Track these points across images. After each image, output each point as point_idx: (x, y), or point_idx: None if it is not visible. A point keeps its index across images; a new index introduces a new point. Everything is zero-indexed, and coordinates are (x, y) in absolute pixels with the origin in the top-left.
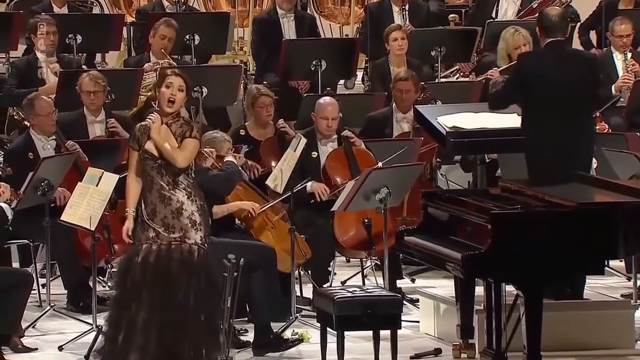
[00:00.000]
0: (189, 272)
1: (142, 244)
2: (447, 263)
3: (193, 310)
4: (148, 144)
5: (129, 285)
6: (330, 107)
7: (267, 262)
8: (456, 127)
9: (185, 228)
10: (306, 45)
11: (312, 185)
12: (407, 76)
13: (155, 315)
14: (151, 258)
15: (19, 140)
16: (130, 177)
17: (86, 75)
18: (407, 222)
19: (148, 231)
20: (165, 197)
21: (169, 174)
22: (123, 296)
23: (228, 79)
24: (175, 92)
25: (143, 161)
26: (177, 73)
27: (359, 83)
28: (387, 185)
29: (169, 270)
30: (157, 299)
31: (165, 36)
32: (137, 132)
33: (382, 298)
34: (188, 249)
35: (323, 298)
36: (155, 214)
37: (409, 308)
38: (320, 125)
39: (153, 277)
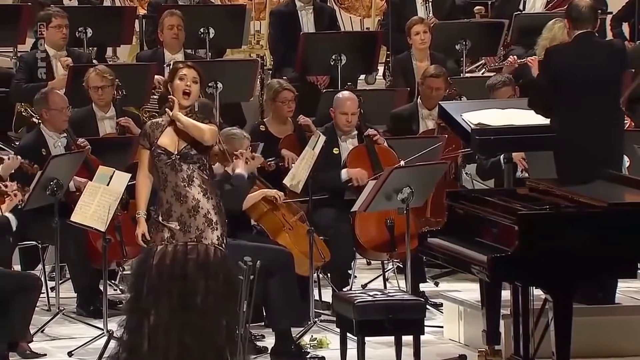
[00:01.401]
0: (207, 275)
1: (157, 245)
2: (472, 266)
3: (213, 314)
4: (162, 139)
5: (146, 289)
6: (349, 102)
7: (285, 265)
8: (482, 124)
9: (202, 227)
10: (325, 38)
11: (348, 171)
12: (438, 73)
13: (175, 320)
14: (167, 260)
15: (29, 136)
16: (140, 177)
17: (92, 70)
18: (431, 223)
19: (162, 232)
20: (180, 195)
21: (184, 170)
22: (140, 301)
23: (244, 74)
24: (189, 83)
25: (156, 158)
26: (190, 65)
27: (380, 78)
28: (410, 184)
29: (185, 273)
30: (176, 302)
31: (173, 25)
32: (148, 128)
33: (405, 302)
34: (205, 250)
35: (343, 302)
36: (170, 214)
37: (433, 313)
38: (339, 121)
39: (170, 280)
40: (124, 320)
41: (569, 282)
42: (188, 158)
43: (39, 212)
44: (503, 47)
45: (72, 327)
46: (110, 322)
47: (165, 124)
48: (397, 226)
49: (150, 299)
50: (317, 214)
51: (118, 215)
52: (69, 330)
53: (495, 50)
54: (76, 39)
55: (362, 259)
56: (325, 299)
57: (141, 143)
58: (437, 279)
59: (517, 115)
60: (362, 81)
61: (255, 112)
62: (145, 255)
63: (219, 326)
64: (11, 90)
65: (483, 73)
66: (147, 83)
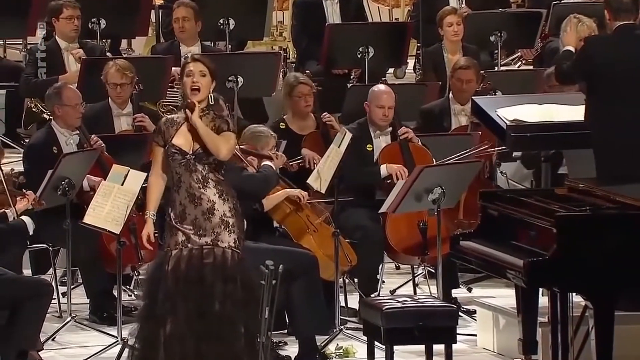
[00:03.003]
0: (224, 279)
1: (172, 250)
2: (508, 270)
3: (231, 321)
4: (177, 138)
5: (161, 296)
6: (386, 95)
7: (309, 270)
8: (518, 120)
9: (218, 230)
10: (352, 30)
11: (387, 166)
12: (468, 64)
13: (192, 328)
14: (182, 265)
15: (40, 134)
16: (153, 176)
17: (112, 65)
18: (464, 225)
19: (177, 235)
20: (195, 197)
21: (199, 170)
22: (155, 309)
23: (266, 68)
24: (197, 78)
25: (170, 157)
26: (195, 58)
27: (410, 72)
28: (441, 184)
29: (202, 278)
30: (193, 309)
31: (179, 18)
32: (163, 125)
33: (436, 309)
34: (222, 254)
35: (370, 309)
36: (185, 216)
37: (466, 320)
38: (375, 115)
39: (186, 286)
40: (137, 328)
41: (610, 287)
42: (203, 159)
43: (50, 213)
44: (540, 39)
45: (84, 334)
46: (125, 329)
47: (180, 121)
48: (430, 229)
49: (166, 306)
50: (344, 215)
51: (133, 217)
52: (81, 338)
53: (532, 42)
54: (89, 31)
55: (391, 263)
56: (351, 305)
57: (155, 140)
58: (470, 285)
59: (555, 110)
60: (390, 75)
61: (277, 108)
62: (160, 261)
63: (237, 333)
64: (20, 84)
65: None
66: (164, 77)
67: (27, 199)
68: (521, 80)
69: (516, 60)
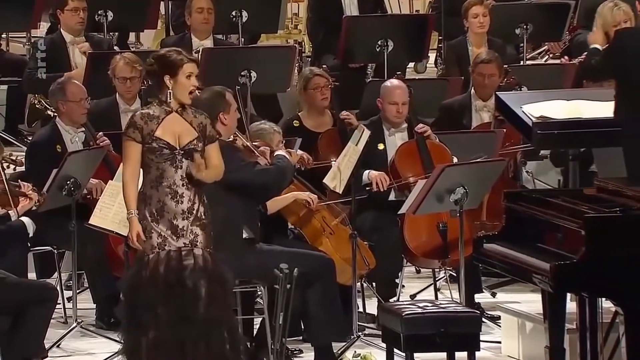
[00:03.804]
0: (207, 281)
1: (148, 255)
2: (534, 275)
3: (217, 324)
4: (161, 133)
5: (142, 303)
6: (398, 91)
7: (325, 274)
8: (544, 117)
9: (196, 231)
10: (370, 22)
11: (370, 173)
12: (489, 58)
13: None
14: (161, 268)
15: (44, 131)
16: (128, 173)
17: (120, 58)
18: (487, 227)
19: (152, 238)
20: (177, 194)
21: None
22: (136, 319)
23: (280, 62)
24: (195, 81)
25: (157, 152)
26: (193, 59)
27: (432, 66)
28: (464, 184)
29: (182, 280)
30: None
31: (203, 8)
32: (140, 120)
33: (458, 315)
34: (201, 254)
35: (389, 314)
36: (162, 214)
37: (489, 326)
38: (388, 112)
39: (166, 290)
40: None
41: None
42: (192, 154)
43: (55, 214)
44: (569, 32)
45: (90, 341)
46: None
47: (161, 115)
48: (450, 230)
49: (147, 314)
50: (361, 216)
51: None
52: (87, 345)
53: (560, 34)
54: (95, 24)
55: (411, 267)
56: (369, 310)
57: (130, 136)
58: (495, 289)
59: (584, 106)
60: (411, 69)
61: (292, 104)
62: (137, 267)
63: (222, 336)
64: (24, 79)
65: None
66: None
67: (30, 199)
68: (548, 75)
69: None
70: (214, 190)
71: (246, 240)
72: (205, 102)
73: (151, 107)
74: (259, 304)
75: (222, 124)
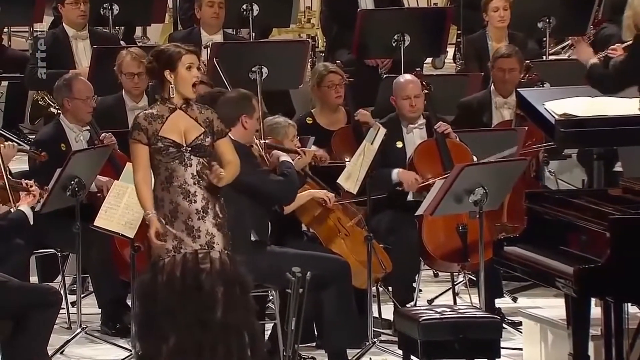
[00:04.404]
0: (224, 285)
1: (163, 259)
2: (557, 279)
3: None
4: (166, 131)
5: (159, 310)
6: (411, 84)
7: (340, 277)
8: (567, 114)
9: (212, 232)
10: (386, 16)
11: (399, 173)
12: (509, 52)
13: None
14: (177, 272)
15: (48, 129)
16: (140, 175)
17: (127, 53)
18: (508, 229)
19: (166, 241)
20: (189, 193)
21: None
22: (154, 325)
23: (293, 58)
24: (197, 72)
25: (163, 152)
26: (191, 50)
27: (450, 62)
28: (484, 184)
29: (200, 284)
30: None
31: (213, 2)
32: (143, 121)
33: (478, 320)
34: (218, 257)
35: (406, 320)
36: (176, 215)
37: (510, 332)
38: (403, 108)
39: (184, 295)
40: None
41: None
42: (200, 150)
43: (58, 215)
44: (593, 25)
45: (95, 347)
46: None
47: (164, 114)
48: (470, 233)
49: (165, 320)
50: (377, 217)
51: None
52: (91, 352)
53: (584, 28)
54: (100, 17)
55: (428, 270)
56: (385, 316)
57: (136, 138)
58: (516, 294)
59: (609, 104)
60: (428, 65)
61: (305, 101)
62: (152, 273)
63: (244, 342)
64: (26, 75)
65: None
66: None
67: (32, 194)
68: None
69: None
70: (224, 190)
71: (255, 242)
72: (230, 101)
73: (154, 107)
74: (271, 308)
75: (242, 127)
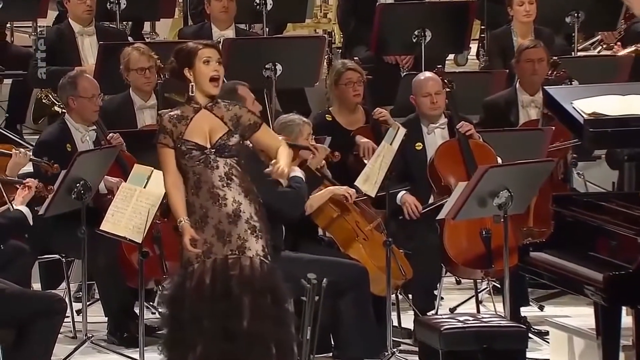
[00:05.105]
0: (252, 293)
1: (193, 264)
2: (585, 286)
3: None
4: (190, 134)
5: (187, 318)
6: (431, 81)
7: (358, 284)
8: (597, 113)
9: (244, 236)
10: (406, 10)
11: (403, 197)
12: (534, 43)
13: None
14: (206, 279)
15: (52, 129)
16: (170, 180)
17: (133, 49)
18: (534, 234)
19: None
20: (218, 197)
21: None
22: (182, 334)
23: (308, 54)
24: (217, 66)
25: (186, 155)
26: (209, 44)
27: (473, 58)
28: (508, 187)
29: (229, 292)
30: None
31: None
32: (168, 123)
33: (502, 330)
34: (249, 264)
35: (427, 329)
36: (206, 221)
37: (537, 343)
38: (423, 106)
39: (213, 302)
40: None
41: None
42: (225, 151)
43: (63, 219)
44: (624, 20)
45: (101, 358)
46: (148, 351)
47: (189, 115)
48: (494, 238)
49: (193, 328)
50: (397, 221)
51: (157, 224)
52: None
53: (614, 24)
54: (107, 12)
55: (450, 277)
56: (405, 325)
57: (162, 142)
58: (542, 302)
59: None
60: (451, 62)
61: (321, 99)
62: (180, 280)
63: (269, 353)
64: (29, 73)
65: (599, 52)
66: None
67: (28, 187)
68: (601, 68)
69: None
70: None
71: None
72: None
73: (179, 107)
74: None
75: None
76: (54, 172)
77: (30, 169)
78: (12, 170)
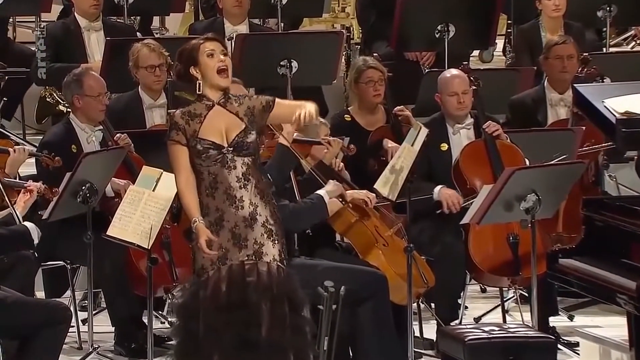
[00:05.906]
0: (270, 300)
1: (207, 271)
2: (617, 294)
3: (280, 348)
4: (205, 132)
5: (203, 328)
6: (457, 80)
7: (377, 292)
8: (630, 112)
9: (260, 241)
10: (429, 4)
11: (441, 191)
12: (564, 39)
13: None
14: (222, 286)
15: (57, 129)
16: (182, 181)
17: (142, 46)
18: (563, 239)
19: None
20: (235, 199)
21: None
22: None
23: (325, 50)
24: (223, 57)
25: (203, 155)
26: (210, 37)
27: (499, 54)
28: (536, 190)
29: (246, 299)
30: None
31: None
32: (181, 120)
33: (530, 340)
34: (266, 270)
35: (450, 340)
36: (222, 224)
37: (566, 354)
38: (449, 105)
39: (229, 310)
40: None
41: None
42: (243, 149)
43: (68, 224)
44: None
45: None
46: None
47: (202, 112)
48: (521, 244)
49: (209, 338)
50: (418, 226)
51: (166, 229)
52: None
53: None
54: (115, 7)
55: (475, 285)
56: (428, 335)
57: (174, 139)
58: (572, 312)
59: None
60: (475, 58)
61: (339, 98)
62: (194, 288)
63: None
64: (32, 70)
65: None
66: None
67: (29, 191)
68: (634, 64)
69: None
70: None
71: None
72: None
73: (191, 105)
74: None
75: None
76: (56, 166)
77: (34, 170)
78: (12, 168)
